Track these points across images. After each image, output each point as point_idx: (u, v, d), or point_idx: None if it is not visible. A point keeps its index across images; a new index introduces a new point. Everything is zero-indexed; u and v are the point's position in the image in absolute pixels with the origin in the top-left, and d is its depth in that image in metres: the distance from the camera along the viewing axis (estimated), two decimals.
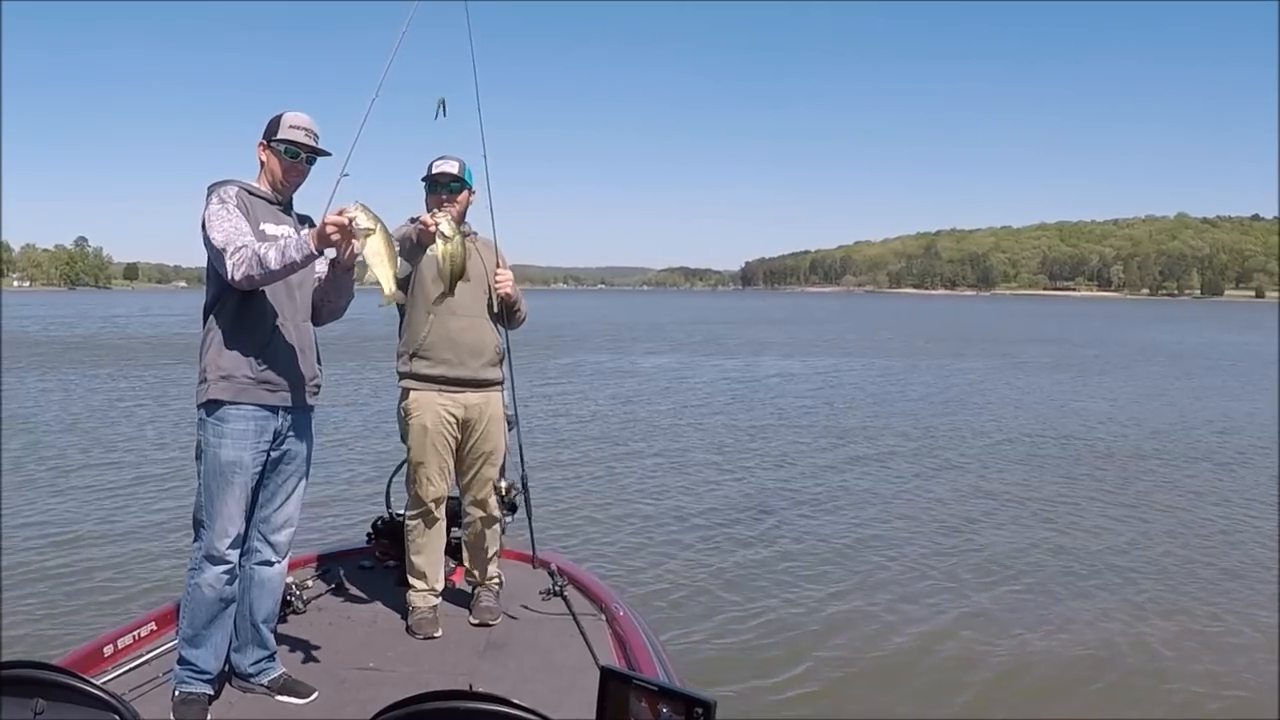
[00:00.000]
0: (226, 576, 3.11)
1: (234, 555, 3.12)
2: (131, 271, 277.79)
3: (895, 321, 61.71)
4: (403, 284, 3.81)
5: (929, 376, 23.52)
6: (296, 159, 3.17)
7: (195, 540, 3.15)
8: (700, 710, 1.45)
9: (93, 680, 1.77)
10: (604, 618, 3.89)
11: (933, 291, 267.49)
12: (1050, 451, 12.76)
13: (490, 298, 3.97)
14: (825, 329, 49.98)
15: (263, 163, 3.20)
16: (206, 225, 3.04)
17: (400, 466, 4.76)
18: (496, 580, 4.09)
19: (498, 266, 3.98)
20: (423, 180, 3.91)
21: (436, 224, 3.25)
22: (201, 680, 3.10)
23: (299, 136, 3.15)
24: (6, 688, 1.67)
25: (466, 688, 1.74)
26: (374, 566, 4.52)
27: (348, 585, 4.26)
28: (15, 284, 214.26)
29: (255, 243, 3.00)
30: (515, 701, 1.55)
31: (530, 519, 4.28)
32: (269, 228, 3.12)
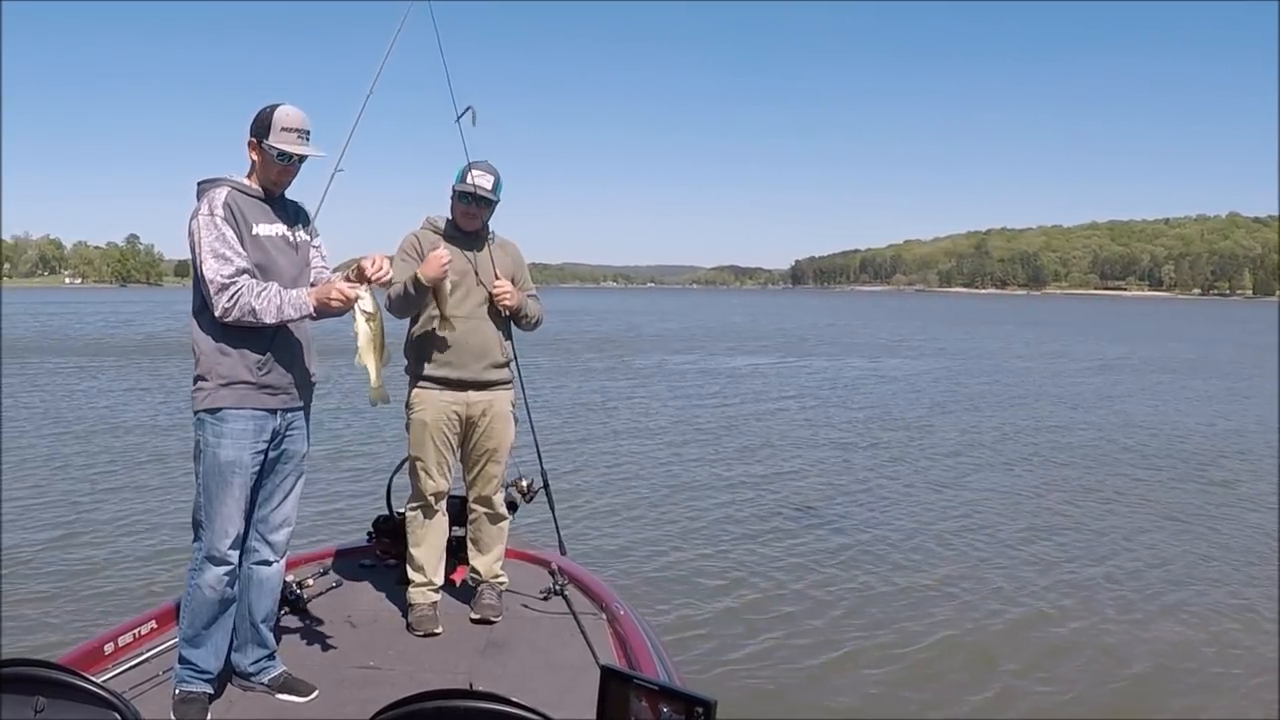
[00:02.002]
0: (227, 577, 3.11)
1: (234, 555, 3.12)
2: (183, 269, 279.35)
3: (1035, 319, 57.51)
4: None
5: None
6: (289, 162, 3.13)
7: (195, 541, 3.14)
8: (701, 710, 1.44)
9: (93, 678, 1.76)
10: (604, 617, 3.89)
11: (983, 291, 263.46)
12: None
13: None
14: (977, 330, 47.22)
15: (254, 161, 3.14)
16: (196, 244, 3.00)
17: (401, 464, 4.78)
18: (500, 579, 4.10)
19: (496, 276, 3.95)
20: (454, 187, 3.91)
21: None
22: (201, 679, 3.10)
23: (291, 141, 3.08)
24: (7, 686, 1.67)
25: (467, 686, 1.74)
26: (374, 565, 4.52)
27: (348, 584, 4.26)
28: (67, 281, 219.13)
29: (250, 286, 2.97)
30: (516, 700, 1.55)
31: (555, 516, 4.29)
32: (262, 229, 3.09)
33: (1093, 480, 10.93)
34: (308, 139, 3.12)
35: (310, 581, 4.05)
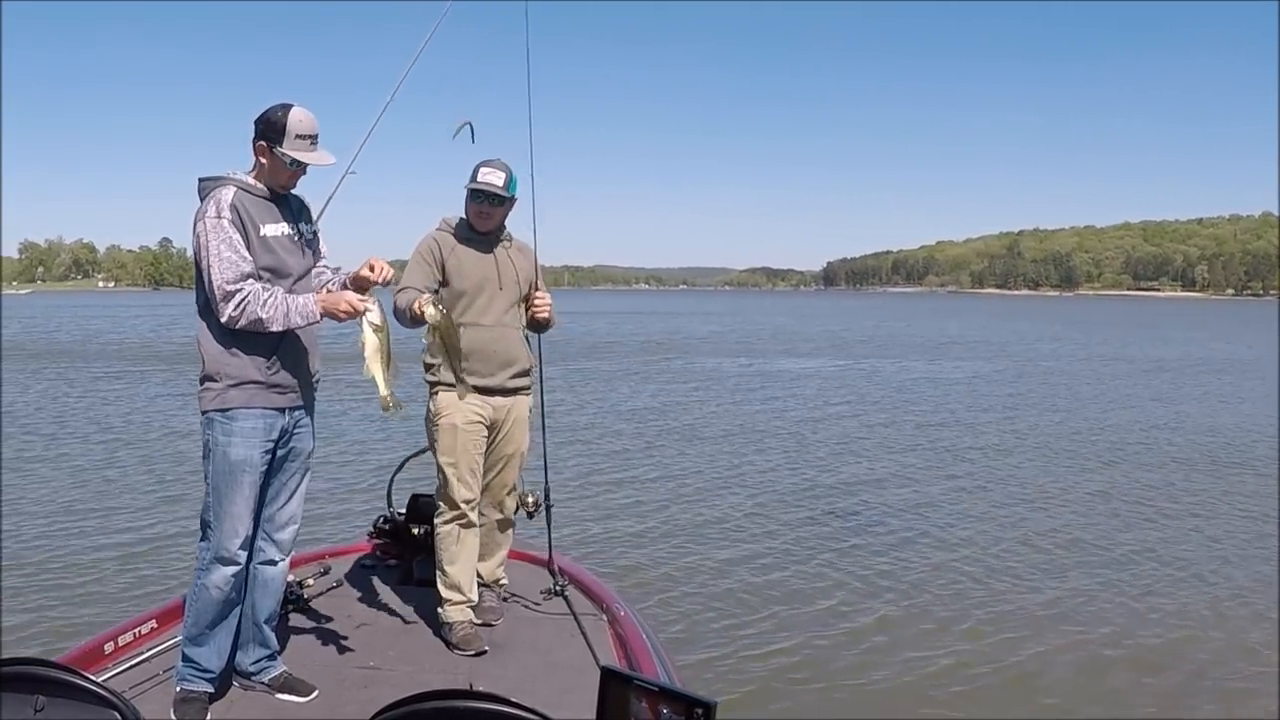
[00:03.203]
0: (234, 578, 3.11)
1: (243, 555, 3.11)
2: None
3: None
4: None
5: None
6: (299, 168, 3.11)
7: (202, 540, 3.13)
8: (700, 711, 1.44)
9: (93, 677, 1.76)
10: (605, 618, 3.89)
11: (1016, 292, 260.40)
12: None
13: (520, 306, 3.88)
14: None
15: (261, 164, 3.09)
16: (202, 246, 2.97)
17: (402, 464, 4.79)
18: (502, 581, 4.06)
19: (536, 288, 3.88)
20: (466, 187, 3.80)
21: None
22: (203, 678, 3.10)
23: (305, 148, 3.05)
24: (7, 685, 1.67)
25: (467, 687, 1.74)
26: (375, 565, 4.52)
27: (349, 584, 4.25)
28: (100, 284, 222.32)
29: (256, 294, 2.95)
30: (516, 701, 1.55)
31: (550, 526, 4.21)
32: (269, 229, 3.07)
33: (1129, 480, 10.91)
34: (317, 143, 3.10)
35: (311, 581, 4.05)
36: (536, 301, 3.87)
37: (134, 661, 3.30)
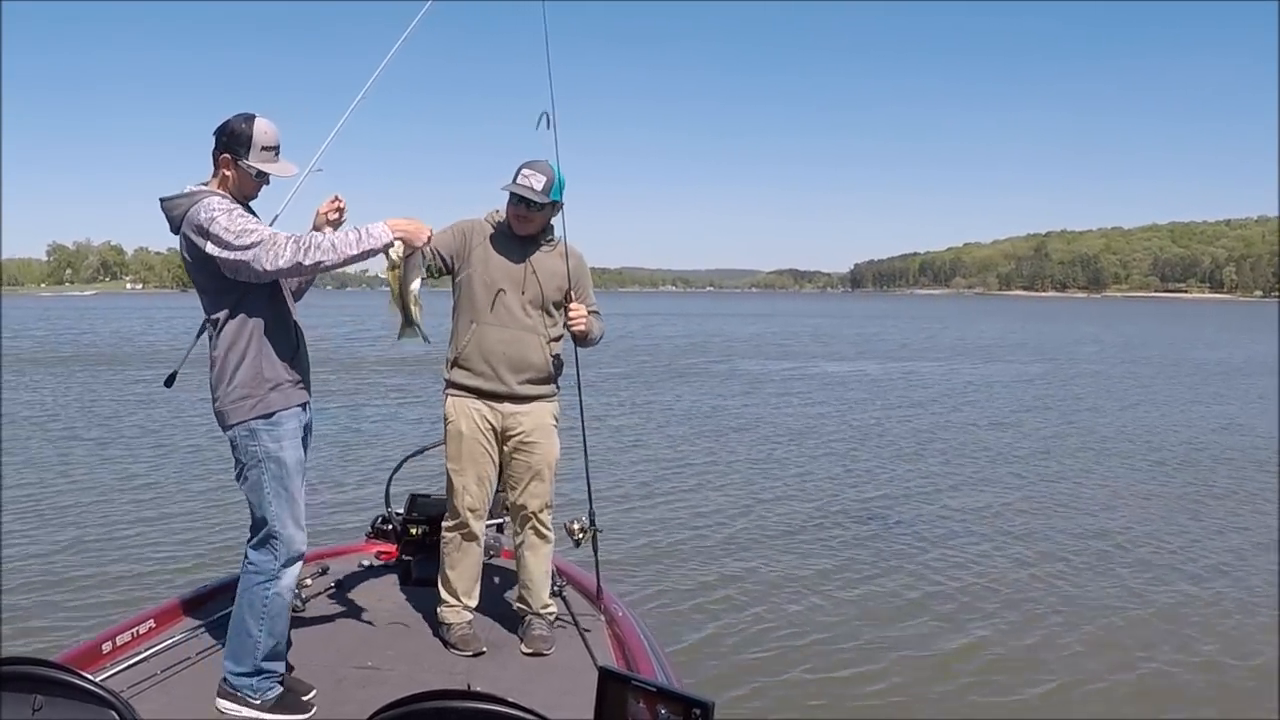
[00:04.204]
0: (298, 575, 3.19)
1: (305, 548, 3.19)
2: None
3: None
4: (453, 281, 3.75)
5: None
6: (265, 179, 3.11)
7: (260, 553, 3.10)
8: (698, 711, 1.45)
9: (91, 677, 1.76)
10: (603, 619, 3.89)
11: (1043, 294, 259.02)
12: None
13: (547, 312, 3.74)
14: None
15: (226, 174, 3.05)
16: (219, 232, 2.90)
17: (400, 465, 4.80)
18: (549, 608, 3.81)
19: (571, 297, 3.74)
20: (504, 188, 3.68)
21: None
22: (279, 681, 3.14)
23: (270, 159, 3.05)
24: (5, 684, 1.67)
25: (465, 687, 1.74)
26: (373, 565, 4.52)
27: (347, 584, 4.25)
28: (128, 286, 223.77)
29: (289, 236, 2.96)
30: (513, 701, 1.55)
31: (598, 560, 4.05)
32: None
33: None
34: (279, 153, 3.10)
35: (309, 581, 4.05)
36: (570, 314, 3.73)
37: (132, 661, 3.29)
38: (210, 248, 2.93)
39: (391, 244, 3.06)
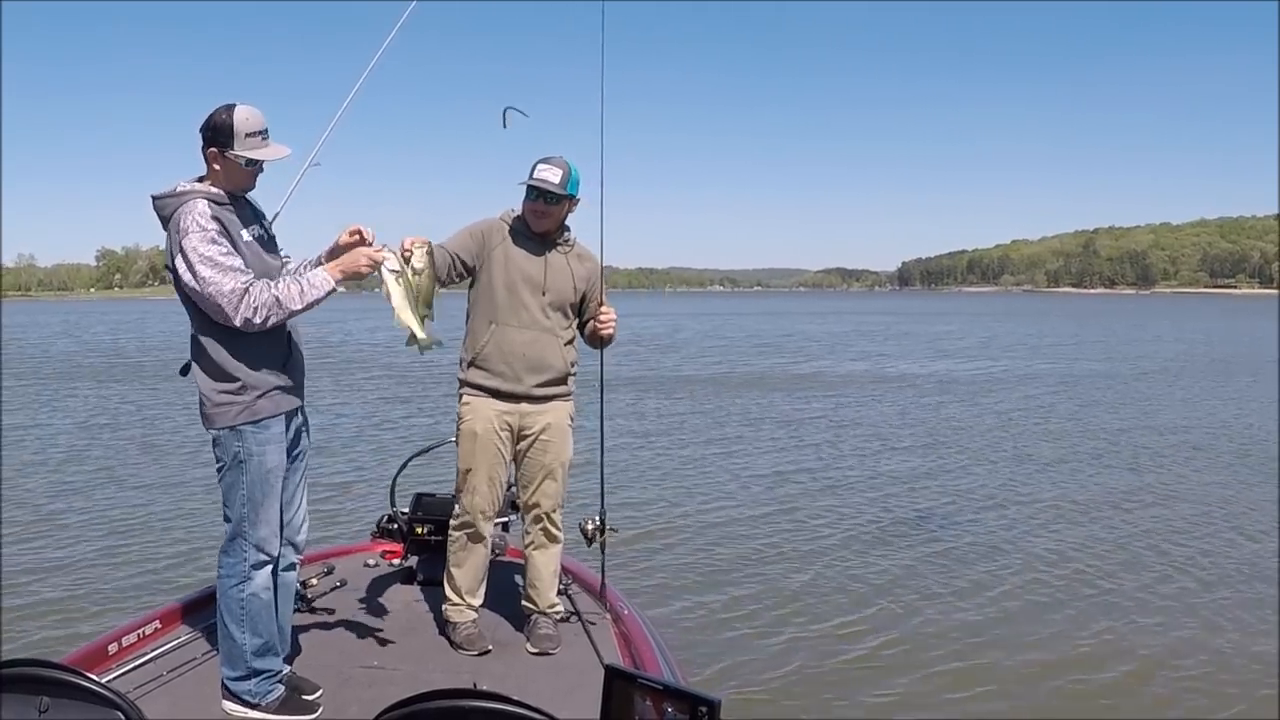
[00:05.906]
0: (272, 575, 3.16)
1: (277, 552, 3.17)
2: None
3: None
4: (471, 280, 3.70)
5: None
6: (256, 166, 3.06)
7: (230, 556, 3.11)
8: (704, 709, 1.44)
9: (96, 678, 1.76)
10: (609, 617, 3.89)
11: (1091, 291, 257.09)
12: None
13: (564, 314, 3.72)
14: None
15: (216, 169, 3.02)
16: (194, 263, 2.86)
17: (405, 464, 4.80)
18: (556, 607, 3.82)
19: (602, 304, 3.73)
20: (521, 183, 3.64)
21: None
22: (279, 681, 3.13)
23: (258, 145, 3.00)
24: (10, 686, 1.67)
25: (471, 686, 1.74)
26: (379, 565, 4.52)
27: (353, 584, 4.25)
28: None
29: (265, 284, 2.91)
30: (520, 700, 1.55)
31: (604, 560, 4.07)
32: (244, 234, 3.03)
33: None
34: (268, 136, 3.04)
35: (315, 581, 4.05)
36: (601, 317, 3.72)
37: (138, 662, 3.30)
38: (178, 261, 2.93)
39: (384, 258, 3.01)
